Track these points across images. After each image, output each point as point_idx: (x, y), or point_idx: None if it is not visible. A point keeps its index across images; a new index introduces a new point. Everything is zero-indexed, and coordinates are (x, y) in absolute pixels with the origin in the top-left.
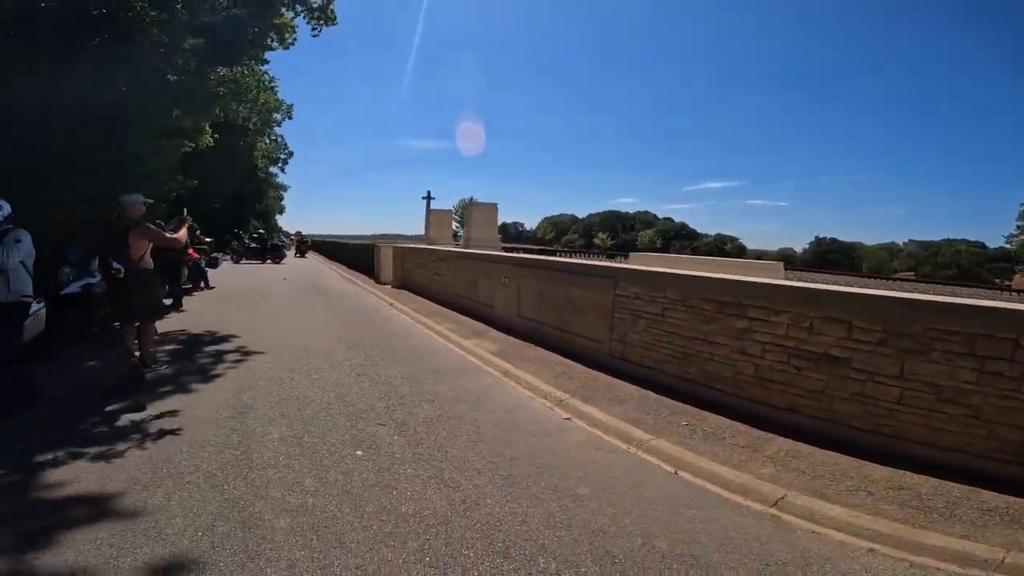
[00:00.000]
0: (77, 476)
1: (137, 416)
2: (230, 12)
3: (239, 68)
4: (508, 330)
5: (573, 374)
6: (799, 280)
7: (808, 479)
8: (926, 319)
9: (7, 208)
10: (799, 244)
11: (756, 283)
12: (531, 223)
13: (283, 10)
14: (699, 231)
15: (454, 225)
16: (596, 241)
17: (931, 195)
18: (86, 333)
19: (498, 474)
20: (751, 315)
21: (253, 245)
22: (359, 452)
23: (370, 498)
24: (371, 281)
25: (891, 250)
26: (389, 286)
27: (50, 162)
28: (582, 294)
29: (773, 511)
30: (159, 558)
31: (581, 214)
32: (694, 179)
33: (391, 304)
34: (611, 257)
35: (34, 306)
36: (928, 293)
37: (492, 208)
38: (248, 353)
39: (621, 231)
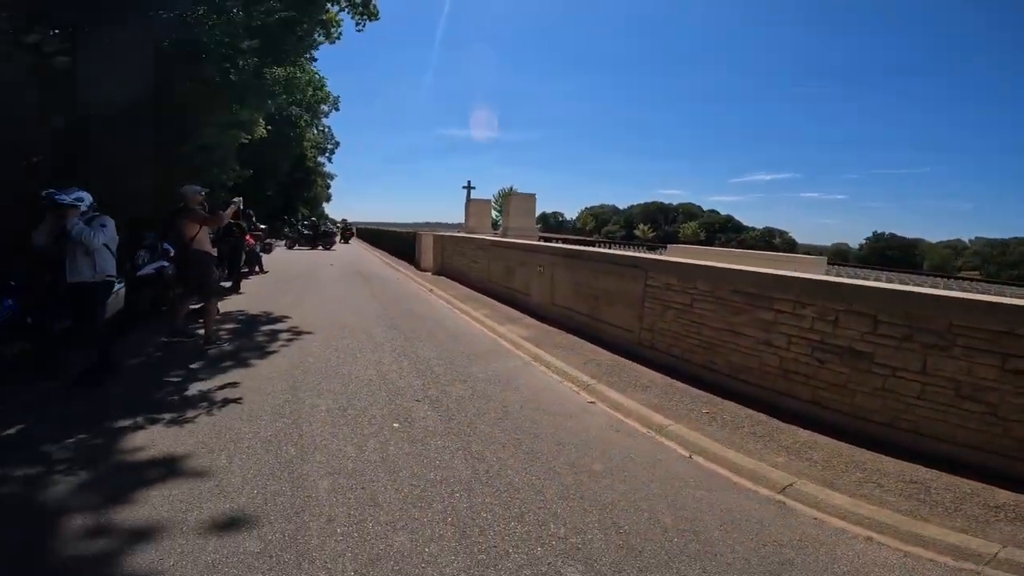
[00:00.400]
0: (153, 440)
1: (204, 386)
2: (282, 14)
3: (291, 68)
4: (542, 317)
5: (601, 361)
6: (844, 277)
7: (820, 469)
8: (951, 315)
9: (89, 198)
10: (855, 240)
11: (783, 276)
12: (571, 213)
13: (328, 5)
14: (746, 224)
15: (493, 214)
16: (637, 233)
17: (1002, 190)
18: (158, 311)
19: (520, 449)
20: (777, 307)
21: (306, 232)
22: (396, 424)
23: (403, 465)
24: (412, 268)
25: (956, 248)
26: (429, 273)
27: (130, 155)
28: (614, 283)
29: (779, 497)
30: (221, 513)
31: (623, 205)
32: (743, 171)
33: (430, 290)
34: (652, 249)
35: (116, 285)
36: (988, 293)
37: (530, 198)
38: (299, 333)
39: (664, 223)
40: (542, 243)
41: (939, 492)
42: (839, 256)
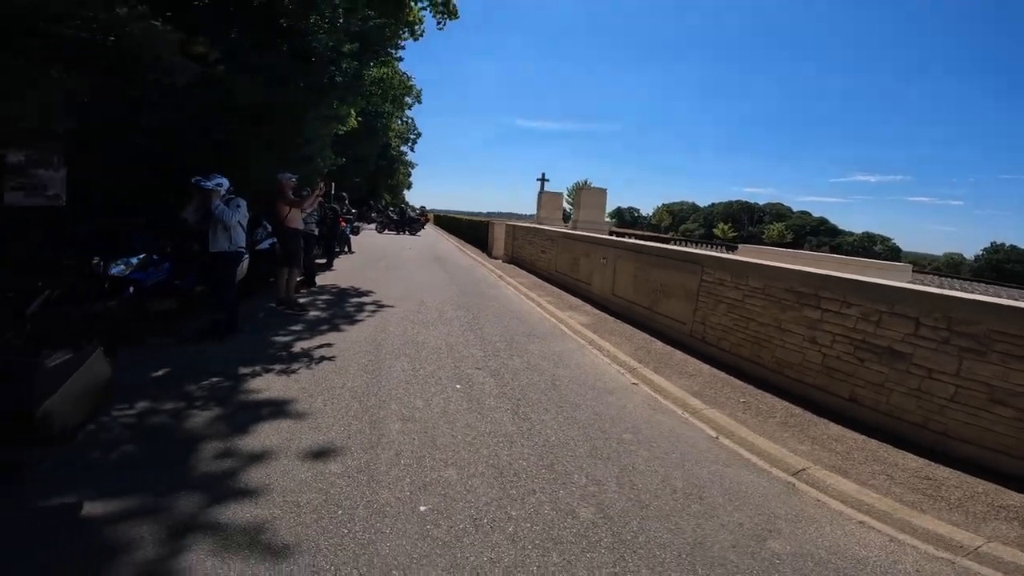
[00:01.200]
0: (266, 386)
1: (305, 345)
2: (376, 21)
3: (384, 68)
4: (602, 307)
5: (652, 349)
6: (925, 286)
7: (839, 459)
8: (990, 321)
9: (227, 183)
10: (971, 249)
11: (831, 276)
12: (647, 209)
13: (411, 3)
14: (842, 228)
15: (566, 206)
16: (716, 232)
17: None
18: (268, 282)
19: (561, 414)
20: (825, 306)
21: (395, 217)
22: (458, 386)
23: (459, 417)
24: (483, 255)
25: None
26: (500, 260)
27: (256, 145)
28: (671, 277)
29: (790, 479)
30: (314, 444)
31: (703, 202)
32: (842, 171)
33: (500, 276)
34: (730, 249)
35: (244, 257)
36: None
37: (601, 193)
38: (382, 306)
39: (748, 223)
40: (606, 236)
41: (949, 489)
42: (950, 267)
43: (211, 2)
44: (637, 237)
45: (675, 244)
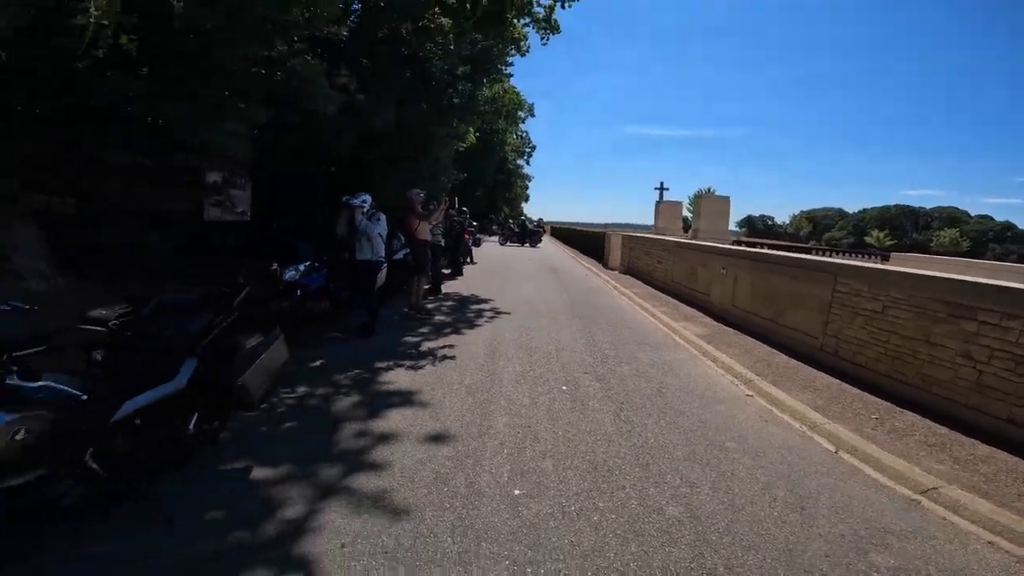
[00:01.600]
0: (397, 378)
1: (430, 346)
2: (483, 43)
3: (496, 86)
4: (720, 318)
5: (773, 362)
6: None
7: (981, 480)
8: None
9: (369, 199)
10: None
11: (989, 284)
12: (783, 217)
13: (514, 21)
14: None
15: (687, 213)
16: (868, 240)
17: None
18: (401, 289)
19: (664, 420)
20: (982, 319)
21: (516, 229)
22: (564, 388)
23: (563, 416)
24: (599, 265)
25: None
26: (616, 271)
27: (388, 164)
28: (799, 288)
29: (917, 497)
30: (433, 430)
31: (851, 207)
32: None
33: (614, 286)
34: (884, 259)
35: (383, 265)
36: None
37: (723, 200)
38: (499, 312)
39: (912, 229)
40: (726, 246)
41: None
42: None
43: (349, 37)
44: (769, 247)
45: (815, 254)
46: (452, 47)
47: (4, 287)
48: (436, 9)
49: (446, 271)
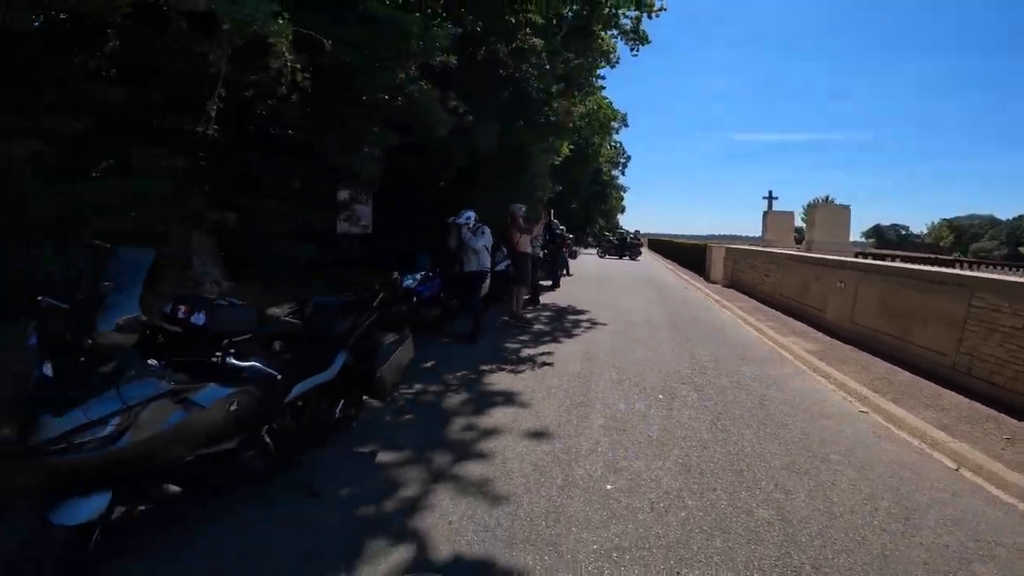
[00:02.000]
0: (500, 380)
1: (530, 352)
2: (575, 62)
3: (589, 100)
4: (834, 334)
5: (894, 379)
6: None
7: None
8: None
9: (473, 215)
10: None
11: None
12: (918, 226)
13: (601, 34)
14: None
15: (799, 222)
16: None
17: None
18: (502, 299)
19: (763, 431)
20: None
21: (615, 241)
22: (660, 396)
23: (657, 421)
24: (700, 279)
25: None
26: (718, 284)
27: (492, 180)
28: (928, 301)
29: None
30: (533, 427)
31: (1005, 215)
32: None
33: (716, 300)
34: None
35: (487, 276)
36: None
37: (841, 210)
38: (595, 323)
39: None
40: (845, 258)
41: None
42: None
43: (457, 64)
44: (901, 259)
45: (959, 267)
46: (547, 66)
47: (184, 290)
48: (527, 30)
49: (544, 283)
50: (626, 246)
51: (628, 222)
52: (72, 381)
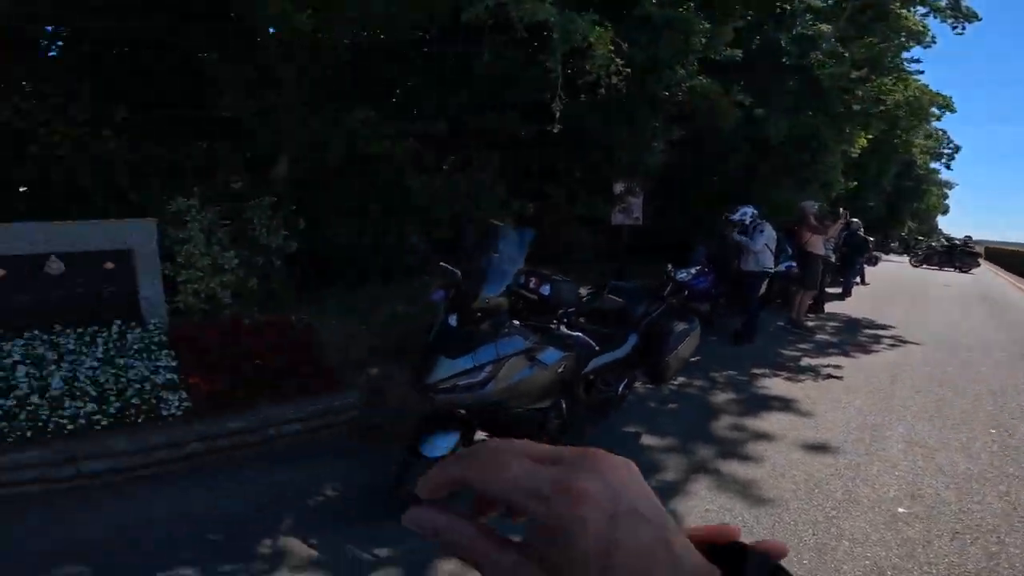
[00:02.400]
0: (772, 385)
1: (811, 362)
2: (877, 47)
3: (903, 85)
4: None
5: None
6: None
7: None
8: None
9: (752, 210)
10: None
11: None
12: None
13: (904, 12)
14: None
15: None
16: None
17: None
18: (779, 302)
19: None
20: None
21: (940, 249)
22: (992, 431)
23: (983, 457)
24: None
25: None
26: None
27: (771, 176)
28: None
29: None
30: (810, 438)
31: None
32: None
33: None
34: None
35: (765, 276)
36: None
37: None
38: (902, 341)
39: None
40: None
41: None
42: None
43: (744, 58)
44: None
45: None
46: (844, 53)
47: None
48: (806, 16)
49: (831, 290)
50: (955, 254)
51: (951, 225)
52: (467, 332)
